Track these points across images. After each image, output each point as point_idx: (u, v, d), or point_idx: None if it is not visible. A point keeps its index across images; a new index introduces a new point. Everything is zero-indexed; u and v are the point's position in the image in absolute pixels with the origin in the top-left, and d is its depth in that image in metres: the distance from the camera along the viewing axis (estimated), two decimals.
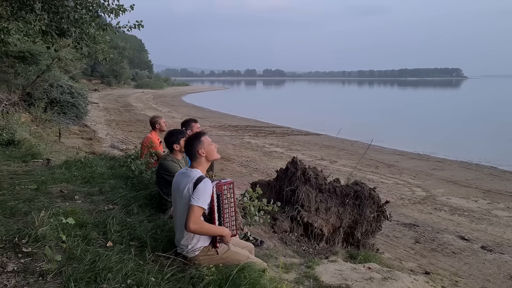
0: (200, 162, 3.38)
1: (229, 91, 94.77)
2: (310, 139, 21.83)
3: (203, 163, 3.40)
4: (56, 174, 5.20)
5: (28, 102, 17.14)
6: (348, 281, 4.72)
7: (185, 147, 3.42)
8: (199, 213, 3.08)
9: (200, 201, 3.07)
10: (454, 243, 8.48)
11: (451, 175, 14.40)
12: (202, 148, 3.38)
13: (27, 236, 2.99)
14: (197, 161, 3.38)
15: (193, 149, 3.36)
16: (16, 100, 16.42)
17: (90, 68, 59.67)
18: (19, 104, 16.52)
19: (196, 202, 3.05)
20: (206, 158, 3.39)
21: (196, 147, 3.37)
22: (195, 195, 3.08)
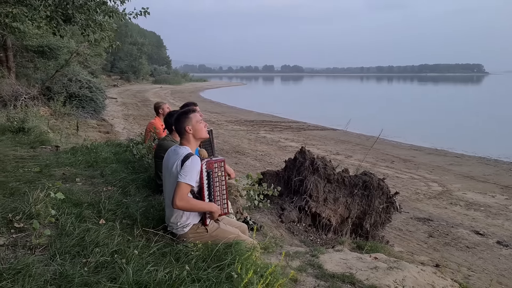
0: (188, 139, 3.34)
1: (246, 87, 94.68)
2: (326, 134, 21.64)
3: (191, 140, 3.34)
4: (61, 159, 5.27)
5: (47, 96, 17.44)
6: (352, 269, 4.65)
7: (174, 124, 3.39)
8: (186, 190, 3.04)
9: (187, 178, 3.03)
10: (468, 237, 8.30)
11: (469, 170, 14.08)
12: (189, 124, 3.33)
13: (21, 213, 3.03)
14: (184, 138, 3.34)
15: (180, 125, 3.33)
16: (36, 94, 16.72)
17: (110, 64, 60.51)
18: (39, 98, 16.80)
19: (183, 179, 3.02)
20: (194, 135, 3.34)
21: (183, 123, 3.32)
22: (182, 172, 3.05)
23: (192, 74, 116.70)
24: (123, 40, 62.00)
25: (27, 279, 2.20)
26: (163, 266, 2.49)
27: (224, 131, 20.77)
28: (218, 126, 22.41)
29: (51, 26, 5.44)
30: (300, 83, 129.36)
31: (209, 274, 2.45)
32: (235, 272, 2.26)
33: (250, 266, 2.27)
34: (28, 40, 17.65)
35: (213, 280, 2.31)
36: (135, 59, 63.91)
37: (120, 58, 63.40)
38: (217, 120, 25.27)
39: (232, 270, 2.29)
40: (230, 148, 16.03)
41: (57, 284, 2.21)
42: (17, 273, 2.24)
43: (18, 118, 7.46)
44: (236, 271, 2.23)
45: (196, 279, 2.29)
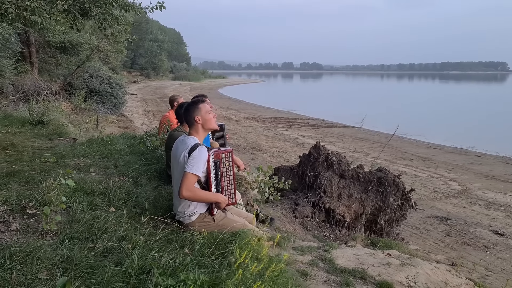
0: (196, 130, 3.34)
1: (265, 84, 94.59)
2: (344, 132, 21.49)
3: (200, 130, 3.35)
4: (77, 150, 5.39)
5: (68, 91, 17.78)
6: (364, 265, 4.61)
7: (183, 114, 3.40)
8: (193, 180, 3.05)
9: (194, 169, 3.04)
10: (487, 237, 8.15)
11: (489, 169, 13.79)
12: (198, 114, 3.33)
13: (34, 200, 3.12)
14: (193, 128, 3.35)
15: (189, 115, 3.34)
16: (57, 89, 17.06)
17: (130, 61, 61.19)
18: (60, 93, 17.14)
19: (190, 169, 3.04)
20: (202, 126, 3.35)
21: (192, 113, 3.33)
22: (189, 162, 3.06)
23: (211, 71, 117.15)
24: (143, 36, 62.56)
25: (36, 261, 2.26)
26: (167, 252, 2.53)
27: (241, 127, 20.81)
28: (236, 122, 22.47)
29: (68, 20, 5.54)
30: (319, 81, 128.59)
31: (213, 261, 2.47)
32: (233, 256, 2.27)
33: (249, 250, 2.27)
34: (50, 36, 17.99)
35: (215, 267, 2.34)
36: (155, 55, 64.49)
37: (140, 54, 64.10)
38: (235, 117, 25.33)
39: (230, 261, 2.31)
40: (248, 145, 16.06)
41: (64, 267, 2.27)
42: (26, 255, 2.31)
43: (38, 111, 7.65)
44: (235, 256, 2.24)
45: (199, 265, 2.32)
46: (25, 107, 11.20)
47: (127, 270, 2.28)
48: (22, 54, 16.81)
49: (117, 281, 2.18)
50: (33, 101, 10.49)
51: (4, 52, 12.78)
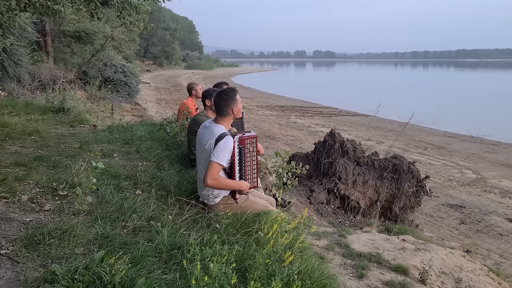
0: (227, 119, 3.40)
1: (278, 72, 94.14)
2: (357, 120, 21.41)
3: (230, 120, 3.42)
4: (99, 136, 5.54)
5: (83, 80, 17.96)
6: (379, 250, 4.69)
7: (217, 102, 3.39)
8: (218, 169, 3.13)
9: (219, 158, 3.11)
10: (502, 225, 8.15)
11: (505, 158, 13.68)
12: (235, 106, 3.39)
13: (64, 182, 3.27)
14: (226, 117, 3.39)
15: (227, 105, 3.35)
16: (73, 78, 17.27)
17: (143, 50, 61.31)
18: (75, 82, 17.35)
19: (216, 159, 3.10)
20: (235, 116, 3.43)
21: (231, 104, 3.36)
22: (215, 152, 3.13)
23: (224, 60, 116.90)
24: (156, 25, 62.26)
25: (72, 238, 2.40)
26: (195, 230, 2.65)
27: (255, 116, 20.85)
28: (249, 111, 22.51)
29: (90, 9, 5.64)
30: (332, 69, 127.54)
31: (238, 239, 2.58)
32: (262, 232, 2.37)
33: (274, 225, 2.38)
34: (65, 25, 18.15)
35: (241, 243, 2.44)
36: (167, 44, 64.53)
37: (153, 43, 64.19)
38: (248, 105, 25.37)
39: (259, 235, 2.41)
40: (261, 133, 16.13)
41: (99, 243, 2.40)
42: (63, 233, 2.44)
43: (58, 99, 7.82)
44: (263, 231, 2.34)
45: (225, 242, 2.42)
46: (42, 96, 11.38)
47: (158, 246, 2.41)
48: (38, 43, 17.00)
49: (150, 256, 2.31)
50: (50, 90, 10.66)
51: (21, 41, 12.95)
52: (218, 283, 1.63)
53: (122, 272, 1.78)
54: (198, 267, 1.67)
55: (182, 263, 1.89)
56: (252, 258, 2.00)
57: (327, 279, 2.27)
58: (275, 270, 1.82)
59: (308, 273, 2.17)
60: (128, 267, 1.88)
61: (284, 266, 1.84)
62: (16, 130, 5.42)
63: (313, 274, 2.21)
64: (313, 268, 2.27)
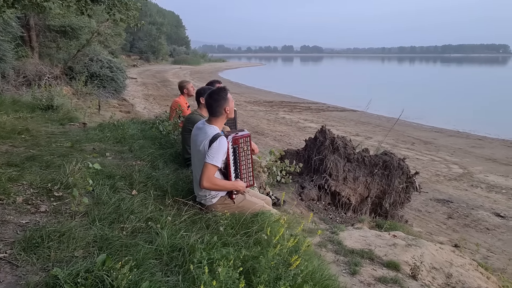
0: (221, 119, 3.39)
1: (265, 67, 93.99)
2: (346, 115, 21.54)
3: (223, 120, 3.41)
4: (90, 135, 5.49)
5: (69, 75, 17.69)
6: (371, 246, 4.75)
7: (209, 103, 3.36)
8: (213, 171, 3.12)
9: (214, 160, 3.10)
10: (489, 219, 8.29)
11: (491, 153, 13.91)
12: (228, 105, 3.38)
13: (59, 183, 3.24)
14: (219, 117, 3.37)
15: (219, 105, 3.34)
16: (58, 74, 17.01)
17: (129, 44, 60.68)
18: (61, 78, 17.09)
19: (210, 160, 3.10)
20: (227, 115, 3.42)
21: (223, 104, 3.35)
22: (210, 153, 3.12)
23: (211, 55, 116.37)
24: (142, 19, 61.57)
25: (71, 240, 2.38)
26: (195, 232, 2.65)
27: (243, 111, 20.83)
28: (237, 106, 22.36)
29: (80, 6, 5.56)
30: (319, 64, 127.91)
31: (238, 240, 2.60)
32: (265, 235, 2.39)
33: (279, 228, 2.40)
34: (50, 20, 17.85)
35: (242, 245, 2.46)
36: (154, 39, 63.99)
37: (140, 38, 63.54)
38: (236, 101, 25.29)
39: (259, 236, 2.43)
40: (250, 129, 16.12)
41: (98, 246, 2.39)
42: (62, 235, 2.43)
43: (47, 96, 7.72)
44: (266, 234, 2.36)
45: (225, 243, 2.44)
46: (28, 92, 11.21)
47: (158, 248, 2.41)
48: (22, 38, 16.71)
49: (151, 258, 2.30)
50: (35, 86, 10.52)
51: (5, 36, 12.71)
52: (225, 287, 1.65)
53: (129, 277, 1.78)
54: (206, 271, 1.68)
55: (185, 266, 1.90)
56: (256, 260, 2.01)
57: (328, 280, 2.30)
58: (281, 274, 1.84)
59: (310, 275, 2.19)
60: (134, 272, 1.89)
61: (291, 270, 1.86)
62: (5, 129, 5.34)
63: (315, 276, 2.23)
64: (315, 269, 2.30)
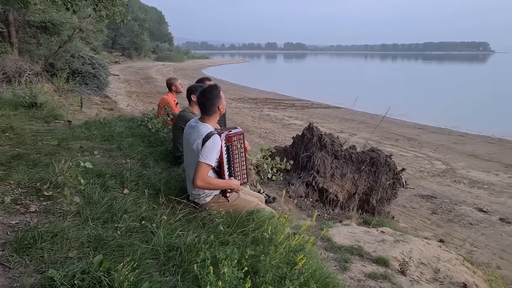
0: (214, 117, 3.35)
1: (249, 64, 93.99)
2: (330, 112, 21.67)
3: (216, 118, 3.38)
4: (76, 133, 5.38)
5: (50, 72, 17.36)
6: (360, 242, 4.79)
7: (201, 100, 3.33)
8: (207, 170, 3.09)
9: (208, 159, 3.07)
10: (471, 214, 8.45)
11: (473, 149, 14.17)
12: (221, 103, 3.34)
13: (48, 183, 3.15)
14: (212, 116, 3.33)
15: (211, 104, 3.30)
16: (39, 70, 16.66)
17: (111, 41, 59.84)
18: (42, 74, 16.76)
19: (204, 160, 3.06)
20: (221, 113, 3.39)
21: (217, 102, 3.31)
22: (203, 152, 3.08)
23: (194, 51, 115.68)
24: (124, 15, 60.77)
25: (65, 241, 2.33)
26: (191, 231, 2.62)
27: (228, 108, 20.65)
28: None
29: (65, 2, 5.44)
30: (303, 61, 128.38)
31: (235, 238, 2.58)
32: (266, 233, 2.38)
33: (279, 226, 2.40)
34: (30, 15, 17.48)
35: (239, 243, 2.45)
36: (136, 35, 63.21)
37: (122, 34, 62.67)
38: None
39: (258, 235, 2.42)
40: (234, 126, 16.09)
41: (93, 246, 2.34)
42: (54, 236, 2.37)
43: (30, 93, 7.55)
44: (267, 232, 2.35)
45: (223, 242, 2.42)
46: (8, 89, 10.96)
47: (155, 248, 2.37)
48: (1, 34, 16.34)
49: (148, 258, 2.27)
50: (16, 83, 10.29)
51: None
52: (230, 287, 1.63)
53: (131, 278, 1.75)
54: (211, 271, 1.66)
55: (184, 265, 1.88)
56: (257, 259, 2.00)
57: (328, 278, 2.30)
58: (286, 273, 1.83)
59: (311, 273, 2.19)
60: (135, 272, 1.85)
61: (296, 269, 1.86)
62: None
63: (315, 274, 2.23)
64: (315, 268, 2.30)
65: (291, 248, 2.15)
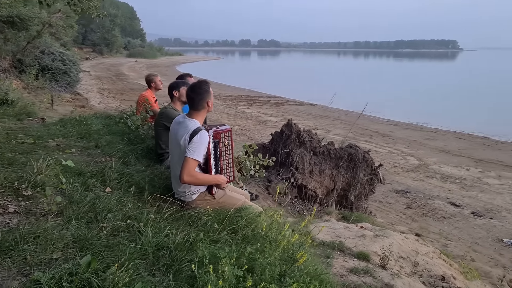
0: (202, 113, 3.32)
1: (223, 61, 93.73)
2: (305, 109, 21.84)
3: (204, 114, 3.35)
4: (52, 130, 5.22)
5: (19, 69, 16.82)
6: (341, 238, 4.84)
7: (191, 96, 3.28)
8: (194, 165, 3.06)
9: (195, 154, 3.04)
10: (445, 208, 8.66)
11: (444, 144, 14.55)
12: (209, 99, 3.30)
13: (26, 182, 3.02)
14: (200, 111, 3.30)
15: (201, 99, 3.26)
16: (7, 67, 16.12)
17: (82, 36, 58.50)
18: (10, 71, 16.23)
19: (191, 155, 3.03)
20: (209, 109, 3.34)
21: (205, 97, 3.27)
22: (191, 147, 3.05)
23: (168, 48, 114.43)
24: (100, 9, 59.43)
25: (48, 242, 2.24)
26: (180, 229, 2.57)
27: None
28: None
29: None
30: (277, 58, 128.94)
31: (225, 236, 2.55)
32: (262, 230, 2.37)
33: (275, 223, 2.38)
34: None
35: (230, 241, 2.42)
36: (107, 31, 62.02)
37: (92, 30, 61.31)
38: None
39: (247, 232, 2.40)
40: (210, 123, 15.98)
41: (78, 247, 2.26)
42: (37, 237, 2.28)
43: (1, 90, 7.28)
44: (262, 229, 2.34)
45: (213, 240, 2.39)
46: None
47: (143, 247, 2.32)
48: None
49: (137, 258, 2.21)
50: None
51: None
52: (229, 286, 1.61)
53: (126, 279, 1.70)
54: (211, 270, 1.63)
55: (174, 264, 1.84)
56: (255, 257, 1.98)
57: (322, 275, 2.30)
58: (286, 270, 1.82)
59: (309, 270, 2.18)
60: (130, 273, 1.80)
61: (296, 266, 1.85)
62: None
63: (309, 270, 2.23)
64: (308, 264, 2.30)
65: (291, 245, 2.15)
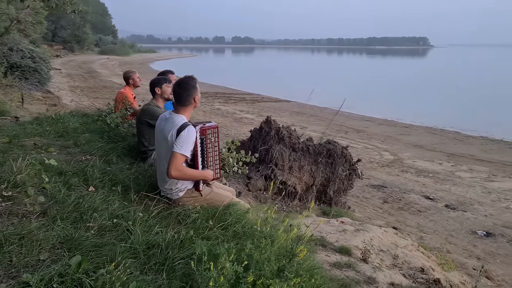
0: (189, 109, 3.30)
1: (197, 58, 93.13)
2: (280, 106, 21.95)
3: (191, 109, 3.32)
4: (28, 129, 5.06)
5: None
6: (322, 233, 4.90)
7: (178, 92, 3.26)
8: (181, 160, 3.04)
9: (182, 149, 3.02)
10: (419, 202, 8.86)
11: (417, 139, 14.88)
12: (196, 95, 3.29)
13: (6, 182, 2.91)
14: (188, 107, 3.28)
15: (188, 94, 3.24)
16: None
17: (51, 33, 56.94)
18: None
19: (179, 150, 3.01)
20: (196, 105, 3.33)
21: (192, 93, 3.25)
22: (178, 142, 3.03)
23: (140, 45, 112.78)
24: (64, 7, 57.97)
25: (34, 243, 2.18)
26: (170, 227, 2.54)
27: None
28: None
29: None
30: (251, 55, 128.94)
31: (215, 233, 2.54)
32: (257, 226, 2.37)
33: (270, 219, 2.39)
34: None
35: (221, 238, 2.41)
36: (78, 28, 60.54)
37: (62, 26, 59.70)
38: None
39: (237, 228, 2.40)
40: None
41: (66, 247, 2.20)
42: (22, 238, 2.22)
43: None
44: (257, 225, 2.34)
45: (204, 238, 2.38)
46: None
47: (133, 246, 2.28)
48: None
49: (127, 258, 2.17)
50: None
51: None
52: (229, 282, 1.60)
53: (124, 279, 1.67)
54: (212, 267, 1.61)
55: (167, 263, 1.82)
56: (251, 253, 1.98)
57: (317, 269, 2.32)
58: (285, 265, 1.82)
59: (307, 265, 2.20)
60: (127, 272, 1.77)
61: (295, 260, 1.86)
62: None
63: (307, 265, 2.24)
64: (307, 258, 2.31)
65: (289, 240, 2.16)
